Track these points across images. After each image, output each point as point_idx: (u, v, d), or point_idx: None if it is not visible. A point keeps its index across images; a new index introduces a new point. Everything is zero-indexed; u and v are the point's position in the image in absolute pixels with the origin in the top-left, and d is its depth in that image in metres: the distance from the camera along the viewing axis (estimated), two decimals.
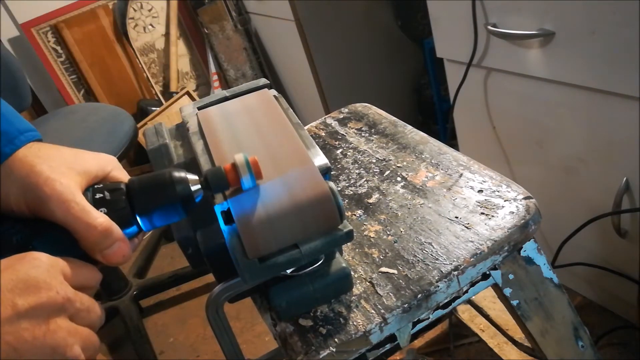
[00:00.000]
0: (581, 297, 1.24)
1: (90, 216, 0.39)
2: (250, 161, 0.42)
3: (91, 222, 0.39)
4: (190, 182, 0.43)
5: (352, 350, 0.47)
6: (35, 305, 0.34)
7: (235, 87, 0.62)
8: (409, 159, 0.67)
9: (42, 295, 0.34)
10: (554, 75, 0.93)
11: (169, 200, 0.42)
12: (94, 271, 0.41)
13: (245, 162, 0.42)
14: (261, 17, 2.04)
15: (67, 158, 0.43)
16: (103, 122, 1.39)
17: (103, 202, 0.42)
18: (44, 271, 0.35)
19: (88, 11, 2.21)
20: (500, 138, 1.18)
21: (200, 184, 0.44)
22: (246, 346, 1.48)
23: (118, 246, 0.40)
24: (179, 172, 0.43)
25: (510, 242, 0.52)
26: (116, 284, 1.67)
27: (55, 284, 0.36)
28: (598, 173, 0.98)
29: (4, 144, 0.41)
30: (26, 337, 0.33)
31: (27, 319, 0.33)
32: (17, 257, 0.36)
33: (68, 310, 0.36)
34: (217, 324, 0.49)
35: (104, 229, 0.39)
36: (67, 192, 0.40)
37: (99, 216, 0.40)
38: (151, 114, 2.25)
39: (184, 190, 0.43)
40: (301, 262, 0.44)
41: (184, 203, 0.43)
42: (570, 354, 0.63)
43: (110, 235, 0.40)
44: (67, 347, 0.35)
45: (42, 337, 0.34)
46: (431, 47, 1.51)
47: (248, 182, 0.43)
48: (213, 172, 0.43)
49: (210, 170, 0.43)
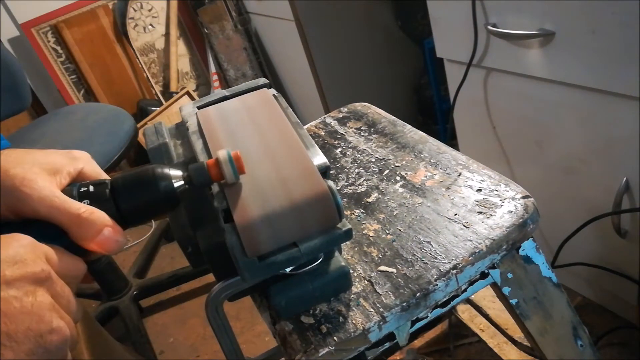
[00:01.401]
0: (581, 297, 1.24)
1: (72, 207, 0.40)
2: (232, 156, 0.43)
3: (74, 212, 0.40)
4: (173, 178, 0.44)
5: (351, 349, 0.47)
6: (21, 276, 0.35)
7: (235, 87, 0.63)
8: (408, 158, 0.67)
9: (28, 268, 0.36)
10: (554, 75, 0.93)
11: (152, 196, 0.43)
12: (77, 261, 0.41)
13: (228, 157, 0.43)
14: (261, 17, 2.05)
15: (38, 159, 0.43)
16: (103, 122, 1.39)
17: (87, 195, 0.43)
18: (29, 250, 0.37)
19: (88, 11, 2.21)
20: (500, 138, 1.18)
21: (184, 180, 0.44)
22: (246, 346, 1.48)
23: (109, 232, 0.41)
24: (162, 168, 0.44)
25: (509, 241, 0.52)
26: (116, 284, 1.67)
27: (39, 262, 0.37)
28: (598, 173, 0.98)
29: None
30: (15, 304, 0.34)
31: (15, 289, 0.35)
32: (3, 236, 0.37)
33: (50, 289, 0.37)
34: (217, 322, 0.49)
35: (88, 216, 0.40)
36: (46, 189, 0.40)
37: (80, 206, 0.41)
38: (151, 114, 2.25)
39: (167, 187, 0.43)
40: (300, 260, 0.44)
41: (167, 199, 0.44)
42: (569, 353, 0.63)
43: (96, 221, 0.41)
44: (53, 318, 0.36)
45: (30, 306, 0.35)
46: (431, 47, 1.51)
47: (231, 177, 0.43)
48: (195, 168, 0.44)
49: (193, 166, 0.44)
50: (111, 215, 0.42)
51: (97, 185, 0.43)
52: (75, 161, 0.46)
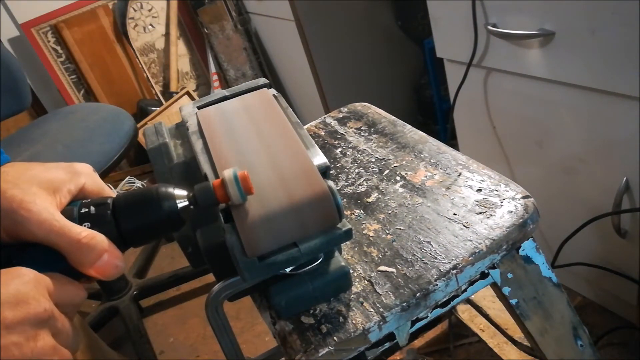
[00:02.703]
0: (581, 297, 1.24)
1: (72, 231, 0.38)
2: (239, 176, 0.41)
3: (74, 237, 0.38)
4: (177, 198, 0.42)
5: (351, 349, 0.47)
6: (23, 319, 0.33)
7: (235, 87, 0.63)
8: (408, 158, 0.67)
9: (30, 309, 0.34)
10: (554, 75, 0.93)
11: (155, 216, 0.42)
12: (78, 288, 0.40)
13: (234, 177, 0.41)
14: (261, 17, 2.05)
15: (38, 176, 0.42)
16: (103, 122, 1.39)
17: (87, 217, 0.41)
18: (32, 287, 0.35)
19: (88, 11, 2.21)
20: (500, 138, 1.18)
21: (188, 200, 0.43)
22: (246, 346, 1.48)
23: (107, 258, 0.39)
24: (166, 188, 0.43)
25: (509, 241, 0.52)
26: (116, 284, 1.67)
27: (43, 300, 0.35)
28: (598, 173, 0.98)
29: None
30: (15, 352, 0.33)
31: (16, 334, 0.33)
32: (4, 271, 0.35)
33: (52, 327, 0.36)
34: (217, 322, 0.49)
35: (88, 241, 0.38)
36: (45, 212, 0.39)
37: (81, 230, 0.39)
38: (151, 114, 2.25)
39: (170, 207, 0.42)
40: (300, 260, 0.44)
41: (170, 219, 0.42)
42: (569, 353, 0.63)
43: (96, 247, 0.39)
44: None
45: (30, 352, 0.33)
46: (431, 47, 1.51)
47: (237, 198, 0.42)
48: (201, 189, 0.42)
49: (199, 187, 0.42)
50: (112, 236, 0.41)
51: (98, 205, 0.42)
52: (76, 177, 0.44)
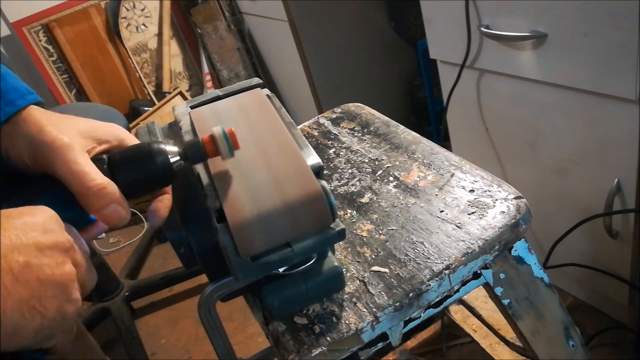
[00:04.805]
0: (573, 298, 1.25)
1: (87, 176, 0.41)
2: (227, 132, 0.44)
3: (86, 182, 0.41)
4: (169, 154, 0.45)
5: (343, 349, 0.47)
6: (53, 244, 0.36)
7: (228, 87, 0.62)
8: (401, 159, 0.67)
9: (56, 237, 0.37)
10: (546, 77, 0.94)
11: (149, 171, 0.44)
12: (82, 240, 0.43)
13: (222, 133, 0.44)
14: (255, 17, 2.04)
15: (78, 124, 0.45)
16: None
17: None
18: (55, 221, 0.38)
19: (80, 10, 2.20)
20: (493, 139, 1.19)
21: (179, 155, 0.45)
22: (239, 347, 1.48)
23: (114, 208, 0.42)
24: (158, 144, 0.45)
25: (501, 242, 0.52)
26: (107, 284, 1.66)
27: (65, 232, 0.39)
28: (590, 174, 0.99)
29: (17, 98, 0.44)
30: (47, 272, 0.35)
31: (48, 257, 0.36)
32: (31, 207, 0.38)
33: (72, 258, 0.38)
34: (210, 322, 0.49)
35: (99, 189, 0.41)
36: (71, 152, 0.42)
37: (96, 177, 0.41)
38: (143, 114, 2.24)
39: (163, 162, 0.44)
40: (293, 260, 0.44)
41: (163, 173, 0.45)
42: (561, 353, 0.63)
43: (106, 196, 0.41)
44: (73, 288, 0.38)
45: (59, 274, 0.36)
46: (424, 49, 1.51)
47: (226, 153, 0.44)
48: (191, 144, 0.45)
49: (189, 142, 0.45)
50: None
51: (95, 161, 0.44)
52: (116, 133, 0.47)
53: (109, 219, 0.42)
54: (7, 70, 0.47)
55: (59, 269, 0.36)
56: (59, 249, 0.37)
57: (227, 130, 0.44)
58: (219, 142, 0.44)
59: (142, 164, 0.44)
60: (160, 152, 0.44)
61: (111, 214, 0.42)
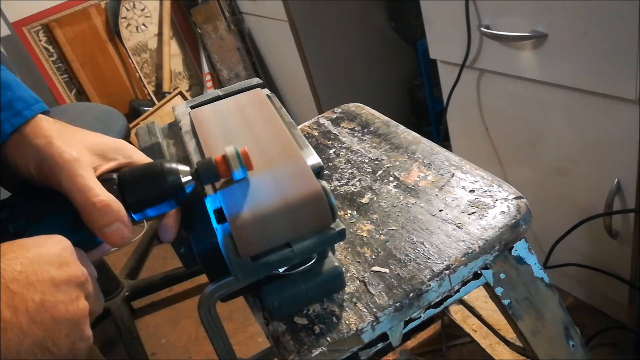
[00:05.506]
0: (572, 298, 1.25)
1: (92, 192, 0.40)
2: (240, 152, 0.43)
3: (90, 198, 0.40)
4: (181, 173, 0.44)
5: (344, 349, 0.47)
6: (68, 279, 0.35)
7: (228, 87, 0.62)
8: (401, 159, 0.67)
9: (71, 272, 0.36)
10: (546, 77, 0.94)
11: (160, 191, 0.43)
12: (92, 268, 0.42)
13: (235, 153, 0.43)
14: (255, 17, 2.04)
15: (87, 140, 0.45)
16: (95, 122, 1.38)
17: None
18: (70, 252, 0.37)
19: (80, 10, 2.20)
20: (493, 139, 1.19)
21: (191, 175, 0.44)
22: (239, 347, 1.48)
23: (117, 227, 0.41)
24: (170, 163, 0.44)
25: (501, 242, 0.52)
26: (108, 285, 1.66)
27: (80, 265, 0.38)
28: (590, 174, 0.99)
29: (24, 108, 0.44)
30: (62, 310, 0.34)
31: (62, 292, 0.35)
32: (45, 237, 0.37)
33: (85, 290, 0.38)
34: (210, 323, 0.49)
35: (103, 206, 0.40)
36: (77, 166, 0.41)
37: (101, 193, 0.41)
38: (143, 114, 2.24)
39: (174, 181, 0.43)
40: (293, 260, 0.44)
41: (174, 193, 0.44)
42: (561, 353, 0.63)
43: (110, 213, 0.41)
44: (86, 325, 0.37)
45: (73, 311, 0.35)
46: (424, 49, 1.51)
47: (239, 173, 0.43)
48: (204, 164, 0.44)
49: (201, 162, 0.44)
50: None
51: (104, 181, 0.43)
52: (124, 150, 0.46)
53: (111, 238, 0.41)
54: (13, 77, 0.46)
55: (72, 306, 0.35)
56: (74, 284, 0.36)
57: (241, 151, 0.43)
58: (231, 162, 0.43)
59: (152, 183, 0.43)
60: (171, 171, 0.44)
61: (114, 232, 0.41)
